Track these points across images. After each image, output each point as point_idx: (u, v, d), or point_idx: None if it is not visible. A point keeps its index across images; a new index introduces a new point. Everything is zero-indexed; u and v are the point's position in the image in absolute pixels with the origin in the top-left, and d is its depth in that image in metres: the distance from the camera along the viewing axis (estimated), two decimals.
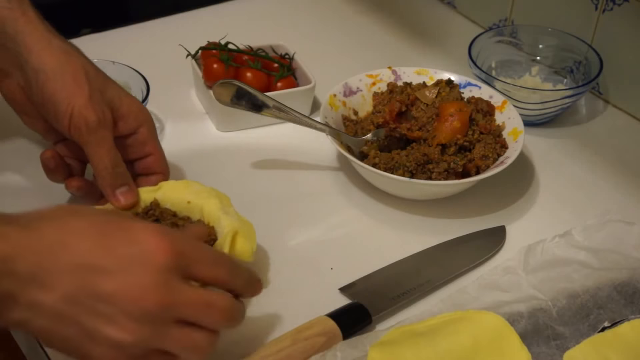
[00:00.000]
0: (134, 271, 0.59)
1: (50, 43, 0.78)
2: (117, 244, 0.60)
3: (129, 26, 1.18)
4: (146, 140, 0.82)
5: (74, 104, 0.76)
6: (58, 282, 0.57)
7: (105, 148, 0.78)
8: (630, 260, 0.80)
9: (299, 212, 0.90)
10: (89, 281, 0.58)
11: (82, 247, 0.59)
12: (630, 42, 1.03)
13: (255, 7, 1.26)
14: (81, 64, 0.78)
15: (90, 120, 0.76)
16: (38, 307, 0.57)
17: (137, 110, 0.81)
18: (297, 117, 0.91)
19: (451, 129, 0.90)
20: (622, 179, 0.96)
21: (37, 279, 0.57)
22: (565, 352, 0.72)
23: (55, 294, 0.57)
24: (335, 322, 0.72)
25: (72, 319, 0.58)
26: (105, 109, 0.78)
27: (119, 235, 0.60)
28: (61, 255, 0.58)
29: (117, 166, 0.79)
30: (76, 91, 0.76)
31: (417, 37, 1.21)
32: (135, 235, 0.60)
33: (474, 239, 0.86)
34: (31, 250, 0.57)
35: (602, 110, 1.08)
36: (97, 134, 0.77)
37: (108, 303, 0.58)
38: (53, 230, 0.59)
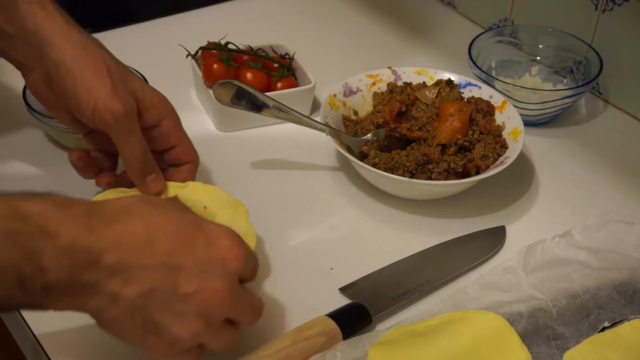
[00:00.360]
0: (212, 275, 0.63)
1: (70, 36, 0.78)
2: (199, 247, 0.63)
3: (129, 26, 1.18)
4: (170, 132, 0.81)
5: (96, 95, 0.76)
6: (141, 278, 0.60)
7: (134, 137, 0.78)
8: (630, 260, 0.80)
9: (299, 212, 0.90)
10: (171, 279, 0.61)
11: (166, 247, 0.61)
12: (630, 42, 1.03)
13: (255, 7, 1.26)
14: (101, 56, 0.78)
15: (116, 110, 0.76)
16: (118, 299, 0.60)
17: (160, 102, 0.81)
18: (297, 117, 0.91)
19: (451, 129, 0.90)
20: (622, 179, 0.96)
21: (122, 273, 0.60)
22: (565, 352, 0.72)
23: (138, 289, 0.60)
24: (335, 322, 0.72)
25: (145, 313, 0.61)
26: (130, 98, 0.78)
27: (199, 237, 0.63)
28: (147, 252, 0.61)
29: (146, 154, 0.79)
30: (98, 82, 0.76)
31: (417, 37, 1.21)
32: (215, 239, 0.64)
33: (474, 239, 0.86)
34: (118, 245, 0.60)
35: (602, 110, 1.08)
36: (125, 123, 0.77)
37: (184, 302, 0.61)
38: (139, 227, 0.61)
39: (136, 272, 0.60)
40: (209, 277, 0.62)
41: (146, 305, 0.61)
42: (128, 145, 0.78)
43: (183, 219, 0.64)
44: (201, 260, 0.62)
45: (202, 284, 0.62)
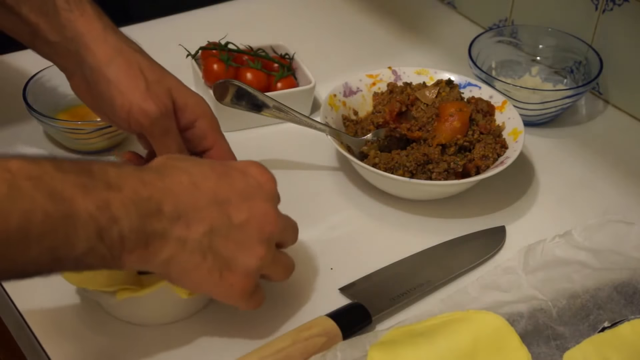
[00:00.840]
0: (256, 200, 0.68)
1: (106, 40, 0.78)
2: (236, 180, 0.68)
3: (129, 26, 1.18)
4: (205, 134, 0.81)
5: (130, 98, 0.77)
6: (200, 218, 0.65)
7: (170, 137, 0.79)
8: (630, 261, 0.80)
9: (298, 212, 0.89)
10: (225, 213, 0.66)
11: (210, 186, 0.66)
12: (631, 42, 1.03)
13: (255, 7, 1.26)
14: (134, 58, 0.78)
15: (150, 111, 0.76)
16: (185, 242, 0.64)
17: (195, 103, 0.81)
18: (297, 117, 0.91)
19: (451, 129, 0.90)
20: (622, 179, 0.96)
21: (182, 218, 0.64)
22: (565, 352, 0.72)
23: (200, 228, 0.65)
24: (335, 322, 0.72)
25: (214, 250, 0.65)
26: (165, 98, 0.78)
27: (231, 171, 0.69)
28: (197, 195, 0.65)
29: (182, 152, 0.80)
30: (131, 85, 0.77)
31: (417, 37, 1.21)
32: (246, 170, 0.70)
33: (474, 239, 0.86)
34: (172, 194, 0.64)
35: (602, 111, 1.08)
36: (160, 123, 0.77)
37: (241, 231, 0.67)
38: (183, 175, 0.66)
39: (194, 214, 0.64)
40: (255, 202, 0.68)
41: (212, 243, 0.65)
42: (164, 145, 0.79)
43: (212, 163, 0.69)
44: (242, 189, 0.68)
45: (251, 210, 0.67)
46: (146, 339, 0.74)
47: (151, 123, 0.77)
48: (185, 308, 0.75)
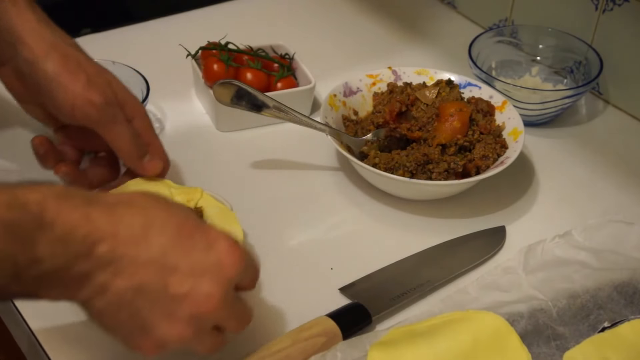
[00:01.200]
0: (206, 279, 0.61)
1: (41, 34, 0.78)
2: (196, 248, 0.61)
3: (129, 26, 1.18)
4: (141, 132, 0.82)
5: (73, 91, 0.77)
6: (133, 272, 0.59)
7: (120, 124, 0.79)
8: (630, 261, 0.80)
9: (299, 212, 0.90)
10: (163, 277, 0.60)
11: (163, 243, 0.60)
12: (631, 42, 1.03)
13: (256, 7, 1.26)
14: (72, 54, 0.79)
15: (96, 100, 0.77)
16: (106, 290, 0.59)
17: (133, 100, 0.81)
18: (297, 117, 0.91)
19: (451, 129, 0.90)
20: (623, 179, 0.96)
21: (113, 265, 0.58)
22: (565, 352, 0.72)
23: (128, 283, 0.59)
24: (335, 322, 0.72)
25: (134, 308, 0.60)
26: (107, 88, 0.78)
27: (197, 237, 0.62)
28: (141, 246, 0.59)
29: (135, 137, 0.80)
30: (72, 79, 0.77)
31: (417, 37, 1.21)
32: (214, 242, 0.62)
33: (474, 239, 0.86)
34: (113, 237, 0.58)
35: (602, 111, 1.08)
36: (108, 111, 0.78)
37: (173, 302, 0.60)
38: (137, 218, 0.60)
39: (128, 265, 0.59)
40: (203, 281, 0.61)
41: (134, 301, 0.59)
42: (115, 132, 0.79)
43: (184, 217, 0.63)
44: (197, 262, 0.61)
45: (194, 288, 0.60)
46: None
47: (98, 111, 0.77)
48: None
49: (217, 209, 0.79)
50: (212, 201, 0.80)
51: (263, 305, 0.78)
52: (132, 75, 0.97)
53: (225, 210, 0.79)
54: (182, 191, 0.80)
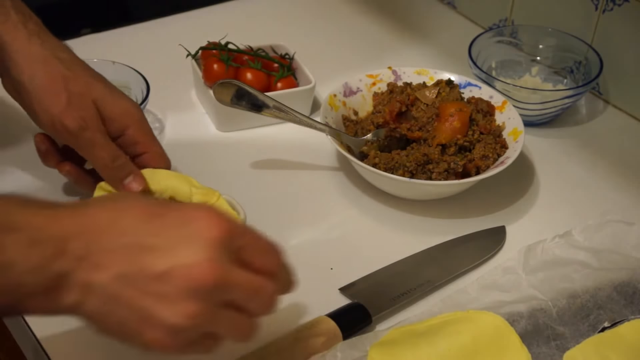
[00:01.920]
0: (187, 248, 0.57)
1: (30, 51, 0.78)
2: (168, 223, 0.58)
3: (129, 26, 1.18)
4: (136, 141, 0.82)
5: (52, 113, 0.77)
6: (110, 262, 0.57)
7: (96, 147, 0.78)
8: (630, 261, 0.80)
9: (298, 212, 0.90)
10: (141, 260, 0.57)
11: (133, 226, 0.58)
12: (631, 43, 1.03)
13: (256, 7, 1.26)
14: (58, 72, 0.78)
15: (70, 127, 0.77)
16: (91, 287, 0.56)
17: (122, 112, 0.81)
18: (297, 117, 0.91)
19: (451, 129, 0.90)
20: (622, 179, 0.96)
21: (90, 259, 0.56)
22: (565, 352, 0.72)
23: (108, 273, 0.56)
24: (335, 322, 0.73)
25: (125, 299, 0.57)
26: (86, 111, 0.78)
27: (169, 214, 0.59)
28: (112, 234, 0.57)
29: (116, 160, 0.79)
30: (52, 101, 0.77)
31: (417, 37, 1.21)
32: (186, 213, 0.59)
33: (474, 239, 0.86)
34: (83, 231, 0.57)
35: (602, 111, 1.08)
36: (83, 137, 0.78)
37: (161, 281, 0.56)
38: (104, 212, 0.59)
39: (102, 256, 0.57)
40: (183, 252, 0.57)
41: (123, 291, 0.56)
42: (92, 155, 0.79)
43: (150, 203, 0.61)
44: (173, 236, 0.58)
45: (175, 260, 0.57)
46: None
47: (72, 137, 0.78)
48: None
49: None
50: (225, 207, 0.80)
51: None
52: (132, 75, 0.97)
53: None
54: (201, 192, 0.80)
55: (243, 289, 0.59)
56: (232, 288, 0.58)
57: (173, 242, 0.57)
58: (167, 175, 0.82)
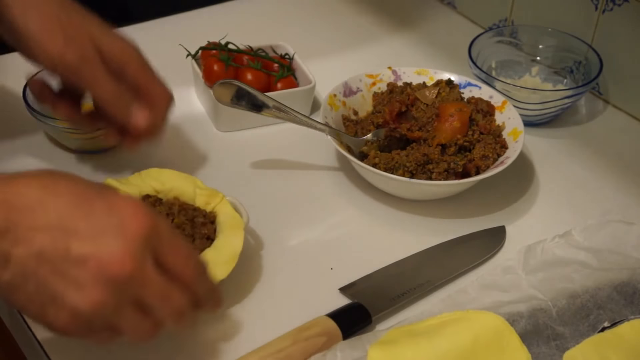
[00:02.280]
0: (108, 237, 0.58)
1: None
2: (96, 210, 0.59)
3: (129, 26, 1.18)
4: (136, 77, 0.81)
5: (50, 53, 0.77)
6: (31, 239, 0.57)
7: (100, 79, 0.78)
8: (630, 261, 0.80)
9: (298, 212, 0.90)
10: (62, 242, 0.58)
11: (60, 208, 0.58)
12: (631, 43, 1.03)
13: (256, 7, 1.26)
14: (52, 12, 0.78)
15: (71, 62, 0.77)
16: (7, 259, 0.57)
17: (119, 50, 0.80)
18: (297, 117, 0.91)
19: (451, 129, 0.90)
20: (622, 179, 0.96)
21: (11, 233, 0.57)
22: (565, 352, 0.72)
23: (26, 249, 0.57)
24: (335, 322, 0.73)
25: (39, 277, 0.58)
26: (84, 46, 0.78)
27: (98, 201, 0.60)
28: (38, 213, 0.58)
29: (121, 89, 0.79)
30: (50, 40, 0.77)
31: (417, 37, 1.21)
32: (115, 203, 0.60)
33: (474, 239, 0.86)
34: (9, 205, 0.57)
35: (602, 111, 1.08)
36: (85, 70, 0.78)
37: (77, 266, 0.57)
38: (33, 189, 0.59)
39: (25, 232, 0.57)
40: (106, 241, 0.58)
41: (38, 269, 0.57)
42: (97, 87, 0.78)
43: (85, 187, 0.61)
44: (98, 223, 0.58)
45: (97, 247, 0.58)
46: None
47: (75, 72, 0.77)
48: None
49: (229, 217, 0.79)
50: (228, 208, 0.80)
51: (263, 304, 0.78)
52: None
53: (235, 220, 0.78)
54: (205, 193, 0.81)
55: (153, 290, 0.60)
56: (143, 286, 0.59)
57: (97, 229, 0.58)
58: (172, 176, 0.82)
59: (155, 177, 0.81)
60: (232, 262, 0.75)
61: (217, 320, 0.76)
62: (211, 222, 0.79)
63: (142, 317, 0.61)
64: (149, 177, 0.82)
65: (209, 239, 0.77)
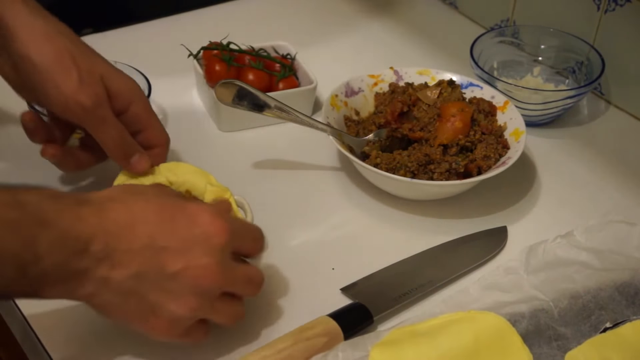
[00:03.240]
0: (197, 251, 0.65)
1: (34, 27, 0.77)
2: (180, 227, 0.65)
3: (131, 26, 1.18)
4: (139, 117, 0.82)
5: (65, 91, 0.76)
6: (128, 261, 0.63)
7: (108, 124, 0.79)
8: (632, 261, 0.80)
9: (300, 212, 0.90)
10: (157, 260, 0.64)
11: (149, 230, 0.64)
12: (632, 43, 1.03)
13: (257, 7, 1.26)
14: (65, 47, 0.77)
15: (85, 104, 0.77)
16: (108, 283, 0.63)
17: (128, 89, 0.81)
18: (299, 117, 0.91)
19: (453, 129, 0.90)
20: (624, 179, 0.96)
21: (110, 258, 0.62)
22: (567, 352, 0.72)
23: (126, 272, 0.63)
24: (336, 322, 0.72)
25: (139, 295, 0.64)
26: (98, 87, 0.78)
27: (180, 217, 0.66)
28: (131, 237, 0.63)
29: (123, 137, 0.80)
30: (64, 78, 0.76)
31: (419, 38, 1.21)
32: (195, 217, 0.66)
33: (475, 240, 0.86)
34: (104, 232, 0.62)
35: (603, 111, 1.08)
36: (96, 114, 0.78)
37: (174, 280, 0.64)
38: (122, 214, 0.64)
39: (122, 256, 0.63)
40: (195, 254, 0.65)
41: (138, 288, 0.64)
42: (103, 133, 0.79)
43: (163, 203, 0.67)
44: (184, 238, 0.65)
45: (188, 261, 0.64)
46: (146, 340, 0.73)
47: (86, 115, 0.77)
48: None
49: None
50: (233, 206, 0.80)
51: (264, 304, 0.78)
52: (134, 75, 0.96)
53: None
54: (214, 190, 0.81)
55: (238, 284, 0.69)
56: (230, 284, 0.68)
57: (184, 245, 0.65)
58: (187, 170, 0.83)
59: (171, 168, 0.82)
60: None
61: None
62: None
63: (230, 302, 0.69)
64: (165, 169, 0.83)
65: None
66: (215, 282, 0.66)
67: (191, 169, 0.83)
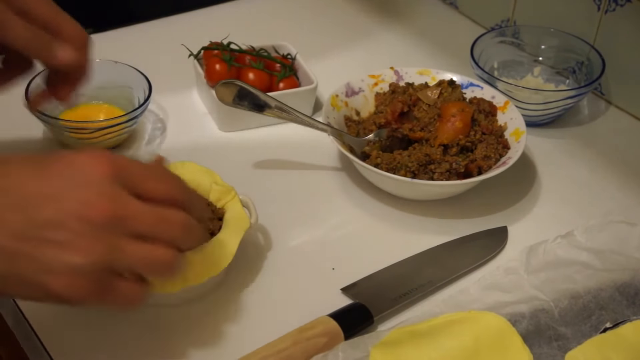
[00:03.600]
0: (74, 190, 0.57)
1: None
2: (55, 171, 0.58)
3: (131, 26, 1.18)
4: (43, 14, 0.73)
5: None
6: (3, 221, 0.56)
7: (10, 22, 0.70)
8: (632, 261, 0.80)
9: (300, 212, 0.90)
10: (32, 212, 0.57)
11: (19, 183, 0.57)
12: (633, 43, 1.03)
13: (258, 7, 1.26)
14: None
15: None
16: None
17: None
18: (299, 117, 0.91)
19: (453, 129, 0.90)
20: (625, 179, 0.96)
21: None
22: (567, 352, 0.72)
23: (3, 233, 0.56)
24: (337, 322, 0.72)
25: (26, 255, 0.56)
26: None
27: (56, 163, 0.59)
28: (1, 196, 0.57)
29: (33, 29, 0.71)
30: None
31: (419, 38, 1.21)
32: (72, 159, 0.59)
33: (476, 240, 0.86)
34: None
35: (604, 111, 1.08)
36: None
37: (56, 228, 0.56)
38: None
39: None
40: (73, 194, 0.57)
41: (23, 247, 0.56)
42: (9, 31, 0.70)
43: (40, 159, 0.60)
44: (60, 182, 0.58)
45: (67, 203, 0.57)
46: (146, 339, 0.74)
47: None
48: None
49: (235, 216, 0.78)
50: (237, 207, 0.79)
51: (265, 304, 0.78)
52: (134, 75, 0.97)
53: (238, 221, 0.78)
54: (219, 189, 0.81)
55: (143, 220, 0.59)
56: (130, 220, 0.58)
57: (60, 188, 0.57)
58: (193, 169, 0.83)
59: (177, 167, 0.82)
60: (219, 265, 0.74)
61: (218, 319, 0.76)
62: (219, 218, 0.79)
63: (151, 247, 0.59)
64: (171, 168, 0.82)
65: (213, 235, 0.77)
66: (105, 212, 0.57)
67: (197, 168, 0.83)
